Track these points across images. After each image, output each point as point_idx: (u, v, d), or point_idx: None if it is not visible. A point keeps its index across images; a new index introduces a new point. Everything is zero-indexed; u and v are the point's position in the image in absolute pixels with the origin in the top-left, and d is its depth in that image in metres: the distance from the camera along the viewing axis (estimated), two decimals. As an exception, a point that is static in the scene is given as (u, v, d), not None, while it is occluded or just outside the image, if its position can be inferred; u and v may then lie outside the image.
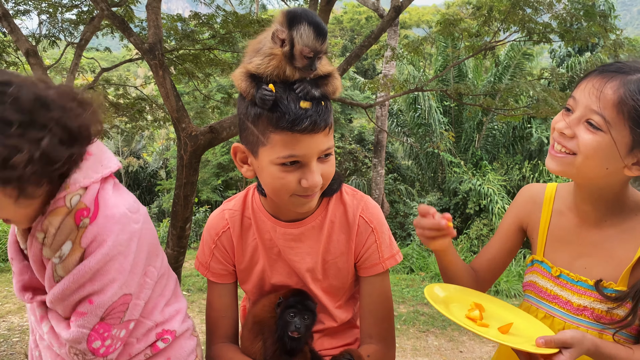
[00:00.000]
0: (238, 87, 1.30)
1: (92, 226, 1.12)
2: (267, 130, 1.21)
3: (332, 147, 1.28)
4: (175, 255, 3.94)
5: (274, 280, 1.50)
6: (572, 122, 1.22)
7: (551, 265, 1.39)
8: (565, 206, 1.41)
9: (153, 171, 17.48)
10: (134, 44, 3.32)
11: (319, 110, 1.21)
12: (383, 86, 5.57)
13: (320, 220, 1.45)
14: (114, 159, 1.26)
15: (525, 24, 4.91)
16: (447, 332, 6.93)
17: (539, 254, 1.43)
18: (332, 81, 1.28)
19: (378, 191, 11.71)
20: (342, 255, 1.47)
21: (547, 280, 1.39)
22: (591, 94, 1.18)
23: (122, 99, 6.71)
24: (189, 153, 3.53)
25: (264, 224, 1.46)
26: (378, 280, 1.48)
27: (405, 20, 26.03)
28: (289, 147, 1.21)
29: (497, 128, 13.86)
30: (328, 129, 1.24)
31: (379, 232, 1.46)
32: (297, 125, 1.18)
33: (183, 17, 6.04)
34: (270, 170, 1.25)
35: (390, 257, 1.47)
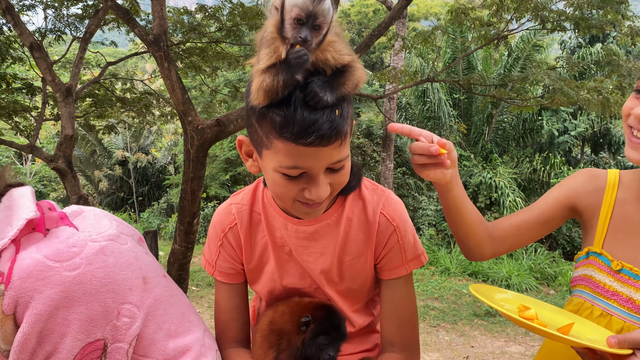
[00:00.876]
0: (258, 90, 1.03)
1: (9, 291, 1.00)
2: (270, 134, 1.04)
3: (345, 159, 1.10)
4: (183, 251, 3.89)
5: (285, 281, 1.36)
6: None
7: (611, 259, 1.25)
8: (630, 195, 1.27)
9: (162, 167, 17.49)
10: (139, 35, 3.26)
11: (331, 119, 1.00)
12: (393, 77, 5.46)
13: (337, 217, 1.30)
14: (24, 209, 1.07)
15: (538, 12, 4.79)
16: (458, 327, 6.87)
17: (596, 245, 1.29)
18: (351, 74, 1.05)
19: (387, 185, 11.62)
20: (361, 256, 1.32)
21: (605, 275, 1.25)
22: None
23: (129, 94, 6.67)
24: (196, 147, 3.46)
25: (274, 220, 1.32)
26: (401, 283, 1.34)
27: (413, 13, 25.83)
28: (293, 157, 1.04)
29: (507, 120, 13.70)
30: (341, 140, 1.04)
31: (402, 231, 1.30)
32: (302, 138, 1.00)
33: (189, 10, 5.98)
34: (273, 177, 1.11)
35: (414, 259, 1.33)
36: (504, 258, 10.67)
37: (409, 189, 14.25)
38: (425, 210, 12.58)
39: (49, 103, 6.00)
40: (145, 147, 17.76)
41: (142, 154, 16.75)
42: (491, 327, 6.88)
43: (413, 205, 13.51)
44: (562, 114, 13.55)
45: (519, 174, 12.83)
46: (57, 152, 3.97)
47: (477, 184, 12.06)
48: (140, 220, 14.72)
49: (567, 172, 12.37)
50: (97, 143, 17.14)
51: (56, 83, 4.03)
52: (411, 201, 13.69)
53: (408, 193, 14.04)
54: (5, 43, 5.71)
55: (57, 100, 4.11)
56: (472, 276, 9.68)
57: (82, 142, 16.89)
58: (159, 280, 1.21)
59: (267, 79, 1.00)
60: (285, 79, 0.98)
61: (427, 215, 12.48)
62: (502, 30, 5.28)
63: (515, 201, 11.40)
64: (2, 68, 6.09)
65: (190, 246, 3.92)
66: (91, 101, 6.54)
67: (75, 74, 4.32)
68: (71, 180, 4.00)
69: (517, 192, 11.78)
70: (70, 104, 4.04)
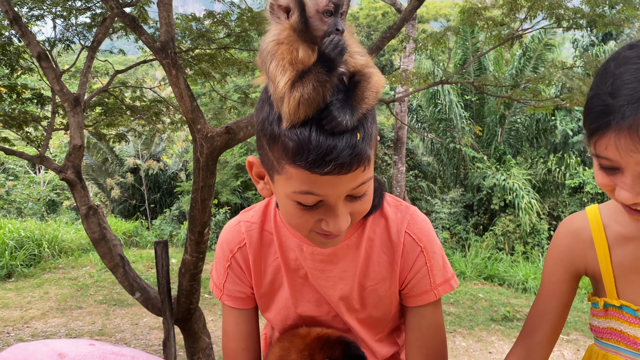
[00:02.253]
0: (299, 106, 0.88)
1: None
2: (282, 159, 0.91)
3: (367, 182, 0.96)
4: (194, 261, 3.82)
5: (300, 309, 1.24)
6: (636, 186, 0.91)
7: (636, 308, 1.09)
8: (627, 228, 1.12)
9: (173, 173, 17.53)
10: (146, 42, 3.21)
11: (352, 144, 0.87)
12: (404, 80, 5.38)
13: (357, 237, 1.18)
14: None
15: (553, 11, 4.67)
16: (475, 333, 6.75)
17: (610, 296, 1.14)
18: (369, 83, 0.91)
19: (399, 189, 11.51)
20: (384, 280, 1.19)
21: (637, 328, 1.09)
22: (631, 153, 0.87)
23: (139, 102, 6.65)
24: (205, 155, 3.39)
25: (288, 241, 1.20)
26: (429, 310, 1.20)
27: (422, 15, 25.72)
28: (307, 184, 0.91)
29: (520, 121, 13.52)
30: (364, 167, 0.91)
31: (430, 252, 1.18)
32: (318, 167, 0.87)
33: (197, 17, 5.94)
34: (286, 204, 0.98)
35: (444, 283, 1.20)
36: (520, 261, 10.52)
37: (422, 192, 14.12)
38: (439, 214, 12.44)
39: (59, 112, 5.98)
40: (156, 154, 17.82)
41: (153, 161, 16.80)
42: (509, 332, 6.75)
43: (426, 209, 13.37)
44: (576, 114, 13.35)
45: (533, 175, 12.65)
46: (66, 163, 3.93)
47: (491, 186, 11.91)
48: (152, 227, 14.74)
49: (583, 172, 12.16)
50: (109, 151, 17.23)
51: (64, 93, 3.99)
52: (424, 204, 13.56)
53: (421, 196, 13.91)
54: (15, 53, 5.71)
55: (66, 110, 4.07)
56: (487, 280, 9.54)
57: (93, 150, 16.99)
58: None
59: (305, 90, 0.85)
60: (331, 78, 0.86)
61: (440, 218, 12.34)
62: (516, 29, 5.17)
63: (530, 203, 11.23)
64: (12, 78, 6.10)
65: (202, 256, 3.85)
66: (101, 110, 6.53)
67: (84, 83, 4.28)
68: (80, 191, 3.95)
69: (532, 193, 11.61)
70: (78, 113, 3.99)
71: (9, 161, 15.94)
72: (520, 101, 5.29)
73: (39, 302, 7.48)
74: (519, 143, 13.72)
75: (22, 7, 5.44)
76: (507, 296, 8.46)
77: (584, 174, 12.12)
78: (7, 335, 6.16)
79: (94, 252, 10.02)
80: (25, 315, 6.91)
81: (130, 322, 6.67)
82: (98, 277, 8.80)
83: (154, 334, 6.26)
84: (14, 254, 9.05)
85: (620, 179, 0.93)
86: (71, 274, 9.08)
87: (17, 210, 14.05)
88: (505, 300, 8.10)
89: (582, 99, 4.52)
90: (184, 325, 4.12)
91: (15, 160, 15.68)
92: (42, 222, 11.91)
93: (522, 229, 11.26)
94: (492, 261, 10.30)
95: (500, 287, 9.21)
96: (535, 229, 11.38)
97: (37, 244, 9.65)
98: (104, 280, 8.63)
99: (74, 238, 10.73)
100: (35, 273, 9.00)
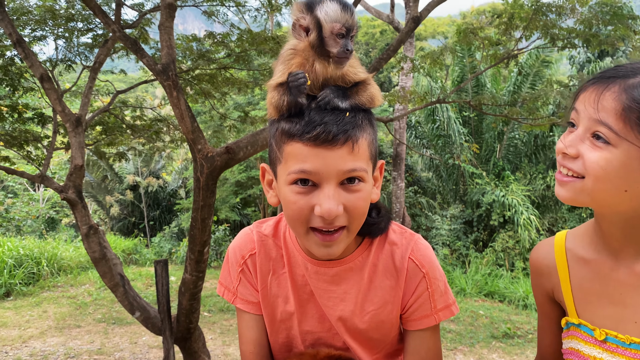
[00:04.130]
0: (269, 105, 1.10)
1: None
2: (281, 142, 1.06)
3: (360, 171, 1.04)
4: (194, 280, 3.83)
5: (304, 325, 1.27)
6: (575, 140, 1.01)
7: (592, 328, 1.13)
8: (587, 251, 1.16)
9: (172, 190, 17.55)
10: (147, 65, 3.26)
11: (338, 119, 1.01)
12: (402, 98, 5.43)
13: (361, 261, 1.22)
14: None
15: (548, 30, 4.74)
16: (476, 350, 6.71)
17: (571, 315, 1.18)
18: (366, 89, 1.09)
19: (399, 205, 11.52)
20: (386, 304, 1.23)
21: (592, 347, 1.12)
22: (589, 105, 0.98)
23: (139, 121, 6.70)
24: (206, 175, 3.42)
25: (295, 257, 1.25)
26: (427, 335, 1.24)
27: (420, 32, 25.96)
28: (300, 159, 1.02)
29: (518, 137, 13.59)
30: (352, 144, 1.02)
31: (432, 278, 1.23)
32: (308, 132, 1.00)
33: (198, 37, 6.02)
34: (285, 194, 1.07)
35: (444, 308, 1.24)
36: (520, 277, 10.49)
37: (422, 208, 14.13)
38: (439, 230, 12.44)
39: (60, 132, 6.02)
40: (156, 172, 17.85)
41: (153, 179, 16.83)
42: (510, 349, 6.72)
43: (426, 225, 13.36)
44: (574, 130, 13.39)
45: (532, 191, 12.67)
46: (67, 183, 3.95)
47: (490, 202, 11.93)
48: (151, 245, 14.72)
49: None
50: (109, 168, 17.27)
51: (66, 113, 4.03)
52: (424, 220, 13.55)
53: (421, 212, 13.91)
54: (17, 74, 5.77)
55: (67, 130, 4.11)
56: (488, 297, 9.50)
57: (93, 167, 17.04)
58: None
59: (275, 96, 1.07)
60: (289, 101, 1.04)
61: (440, 235, 12.33)
62: (511, 49, 5.24)
63: (529, 219, 11.24)
64: (14, 98, 6.15)
65: (202, 275, 3.85)
66: (101, 129, 6.57)
67: (85, 103, 4.33)
68: (81, 210, 3.97)
69: (531, 209, 11.62)
70: (80, 133, 4.03)
71: (8, 179, 15.97)
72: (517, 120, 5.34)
73: (38, 321, 7.44)
74: (517, 159, 13.77)
75: (25, 28, 5.51)
76: (508, 313, 8.42)
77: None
78: (5, 355, 6.12)
79: (93, 270, 9.99)
80: (24, 334, 6.88)
81: (129, 341, 6.63)
82: (97, 296, 8.77)
83: (153, 353, 6.22)
84: (12, 272, 9.02)
85: (572, 133, 1.03)
86: (70, 292, 9.04)
87: (16, 228, 14.04)
88: (506, 317, 8.07)
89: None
90: (184, 344, 4.11)
91: (15, 178, 15.70)
92: (41, 240, 11.90)
93: (521, 245, 11.25)
94: (492, 277, 10.28)
95: (500, 303, 9.18)
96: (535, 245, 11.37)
97: (36, 262, 9.62)
98: (103, 299, 8.60)
99: (73, 256, 10.70)
100: (34, 292, 8.97)
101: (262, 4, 5.99)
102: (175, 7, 3.29)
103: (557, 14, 4.82)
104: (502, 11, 5.40)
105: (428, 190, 15.27)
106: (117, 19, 4.08)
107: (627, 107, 0.93)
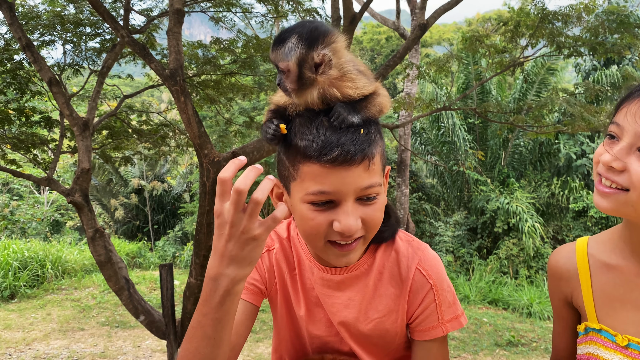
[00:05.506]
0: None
1: None
2: (296, 161, 1.05)
3: (376, 187, 1.06)
4: (199, 285, 3.83)
5: (311, 329, 1.28)
6: (621, 153, 1.02)
7: (614, 333, 1.13)
8: (611, 257, 1.17)
9: (177, 194, 17.58)
10: (155, 70, 3.28)
11: (354, 138, 1.01)
12: (407, 105, 5.44)
13: (366, 268, 1.23)
14: None
15: (554, 38, 4.75)
16: (480, 358, 6.69)
17: (592, 320, 1.18)
18: (373, 99, 1.09)
19: (403, 211, 11.51)
20: (391, 313, 1.23)
21: (612, 352, 1.12)
22: (635, 119, 0.98)
23: (145, 126, 6.73)
24: (212, 180, 3.44)
25: (303, 262, 1.26)
26: (435, 345, 1.23)
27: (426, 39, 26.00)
28: (319, 181, 1.01)
29: (523, 144, 13.56)
30: (368, 161, 1.02)
31: (440, 289, 1.22)
32: (326, 154, 0.99)
33: (204, 44, 6.05)
34: (301, 210, 1.07)
35: (453, 319, 1.23)
36: (524, 285, 10.44)
37: (425, 215, 14.10)
38: (443, 237, 12.41)
39: (67, 136, 6.06)
40: (161, 175, 17.90)
41: (157, 182, 16.87)
42: (513, 357, 6.69)
43: (430, 232, 13.33)
44: (580, 137, 13.39)
45: (537, 199, 12.63)
46: (74, 186, 3.98)
47: (494, 209, 11.90)
48: (155, 248, 14.73)
49: (587, 196, 12.14)
50: (114, 172, 17.32)
51: (74, 117, 4.07)
52: (428, 227, 13.52)
53: (424, 219, 13.89)
54: (25, 78, 5.81)
55: (75, 134, 4.14)
56: (492, 304, 9.46)
57: (99, 171, 17.09)
58: None
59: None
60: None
61: (444, 241, 12.30)
62: (517, 56, 5.25)
63: (534, 227, 11.20)
64: (22, 102, 6.19)
65: (206, 279, 3.87)
66: (107, 133, 6.61)
67: (93, 108, 4.36)
68: (87, 214, 4.00)
69: (536, 217, 11.58)
70: (87, 137, 4.06)
71: (13, 181, 16.03)
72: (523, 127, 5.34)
73: (42, 324, 7.46)
74: (522, 166, 13.73)
75: (34, 32, 5.56)
76: (512, 321, 8.38)
77: (587, 198, 12.10)
78: (8, 357, 6.14)
79: (97, 273, 10.01)
80: (28, 336, 6.89)
81: (132, 345, 6.64)
82: (101, 299, 8.79)
83: (156, 357, 6.23)
84: (17, 275, 9.05)
85: (614, 146, 1.04)
86: (74, 295, 9.06)
87: (21, 231, 14.08)
88: (509, 325, 8.03)
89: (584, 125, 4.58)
90: (187, 349, 4.11)
91: (20, 181, 15.76)
92: (46, 243, 11.92)
93: (525, 253, 11.21)
94: (496, 285, 10.24)
95: (504, 311, 9.14)
96: (539, 253, 11.33)
97: (40, 264, 9.65)
98: (107, 302, 8.61)
99: (78, 259, 10.73)
100: (38, 294, 8.99)
101: (268, 10, 6.02)
102: (183, 13, 3.32)
103: (563, 22, 4.83)
104: (507, 19, 5.41)
105: (432, 196, 15.24)
106: (125, 24, 4.11)
107: None
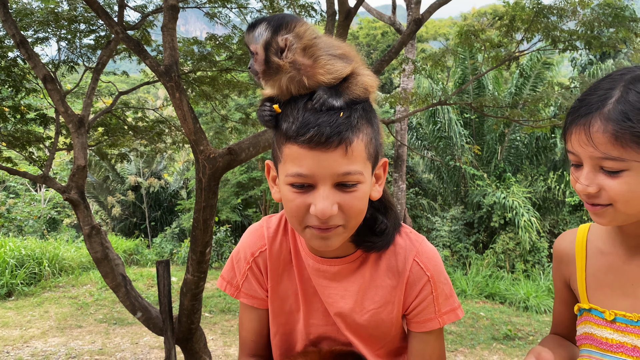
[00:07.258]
0: None
1: None
2: (280, 142, 1.07)
3: (356, 175, 1.03)
4: (196, 281, 3.83)
5: (309, 319, 1.29)
6: (589, 178, 1.08)
7: (602, 310, 1.20)
8: (605, 244, 1.25)
9: (174, 191, 17.56)
10: (150, 66, 3.27)
11: (332, 120, 1.00)
12: (404, 100, 5.44)
13: (363, 259, 1.24)
14: None
15: (549, 32, 4.75)
16: (476, 352, 6.72)
17: (583, 301, 1.26)
18: (357, 80, 1.07)
19: (400, 206, 11.53)
20: (387, 304, 1.24)
21: (603, 329, 1.19)
22: (584, 145, 1.05)
23: (141, 122, 6.71)
24: (208, 176, 3.43)
25: (299, 253, 1.27)
26: (432, 337, 1.25)
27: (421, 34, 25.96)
28: (297, 163, 1.02)
29: (519, 139, 13.58)
30: (345, 146, 1.00)
31: (437, 282, 1.23)
32: (302, 135, 0.99)
33: (199, 40, 6.02)
34: (284, 192, 1.08)
35: (449, 312, 1.24)
36: (521, 279, 10.48)
37: (422, 210, 14.13)
38: (439, 232, 12.44)
39: (62, 133, 6.04)
40: (157, 172, 17.87)
41: (154, 179, 16.84)
42: (510, 350, 6.72)
43: (427, 227, 13.36)
44: (576, 131, 13.38)
45: (533, 193, 12.66)
46: (70, 183, 3.97)
47: (491, 204, 11.93)
48: (152, 245, 14.72)
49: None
50: (110, 169, 17.29)
51: (69, 114, 4.05)
52: (425, 222, 13.56)
53: (421, 214, 13.92)
54: (20, 75, 5.79)
55: (70, 131, 4.12)
56: (489, 298, 9.50)
57: (95, 168, 17.05)
58: None
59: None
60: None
61: (441, 236, 12.34)
62: (513, 51, 5.25)
63: (530, 221, 11.24)
64: (17, 99, 6.17)
65: (203, 275, 3.86)
66: (103, 130, 6.59)
67: (88, 104, 4.34)
68: (84, 211, 3.98)
69: (532, 211, 11.62)
70: (82, 134, 4.05)
71: (10, 179, 15.98)
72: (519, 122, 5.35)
73: (39, 321, 7.45)
74: (518, 161, 13.76)
75: (28, 29, 5.53)
76: (509, 315, 8.43)
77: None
78: (6, 354, 6.13)
79: (94, 271, 10.01)
80: (25, 334, 6.89)
81: (130, 342, 6.65)
82: (98, 296, 8.78)
83: (154, 354, 6.24)
84: (14, 273, 9.04)
85: (581, 173, 1.09)
86: (71, 292, 9.06)
87: (17, 228, 14.06)
88: (506, 319, 8.07)
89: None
90: (185, 344, 4.12)
91: (17, 179, 15.72)
92: (43, 240, 11.91)
93: (522, 247, 11.25)
94: (493, 279, 10.28)
95: (501, 305, 9.18)
96: (535, 247, 11.38)
97: (37, 262, 9.64)
98: (104, 299, 8.61)
99: (75, 256, 10.72)
100: (36, 292, 8.99)
101: (263, 6, 6.00)
102: (178, 9, 3.31)
103: (558, 16, 4.83)
104: (503, 13, 5.41)
105: (429, 191, 15.27)
106: (119, 20, 4.09)
107: (618, 134, 1.01)
